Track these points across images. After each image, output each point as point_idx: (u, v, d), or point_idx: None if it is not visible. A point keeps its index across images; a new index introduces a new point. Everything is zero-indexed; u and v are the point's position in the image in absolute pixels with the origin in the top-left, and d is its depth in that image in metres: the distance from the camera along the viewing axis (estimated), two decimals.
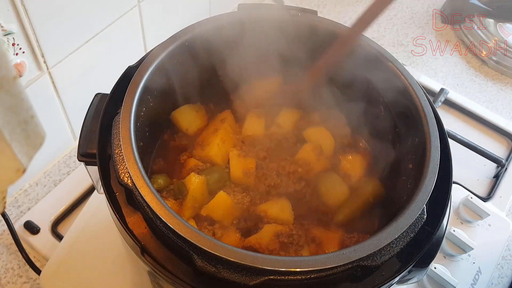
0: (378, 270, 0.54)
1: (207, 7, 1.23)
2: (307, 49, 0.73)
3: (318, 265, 0.49)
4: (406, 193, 0.60)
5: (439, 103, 1.16)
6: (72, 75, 0.92)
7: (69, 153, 1.04)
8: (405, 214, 0.53)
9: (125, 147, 0.55)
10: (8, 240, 0.90)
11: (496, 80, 1.28)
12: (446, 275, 0.83)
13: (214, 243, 0.48)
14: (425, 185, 0.56)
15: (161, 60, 0.65)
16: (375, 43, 0.70)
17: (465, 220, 0.96)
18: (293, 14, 0.72)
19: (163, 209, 0.51)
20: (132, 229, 0.55)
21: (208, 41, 0.70)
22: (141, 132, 0.65)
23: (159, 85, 0.67)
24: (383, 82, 0.70)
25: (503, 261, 0.95)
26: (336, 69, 0.73)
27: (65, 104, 0.94)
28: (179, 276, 0.51)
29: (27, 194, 0.97)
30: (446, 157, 0.61)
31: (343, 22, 1.39)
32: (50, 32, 0.81)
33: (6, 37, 0.74)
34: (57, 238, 0.90)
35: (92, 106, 0.65)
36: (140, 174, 0.53)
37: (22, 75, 0.81)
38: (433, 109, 0.64)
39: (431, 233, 0.57)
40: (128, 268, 0.83)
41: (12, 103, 0.33)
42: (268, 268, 0.48)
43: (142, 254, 0.53)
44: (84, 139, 0.62)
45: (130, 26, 0.99)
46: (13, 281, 0.87)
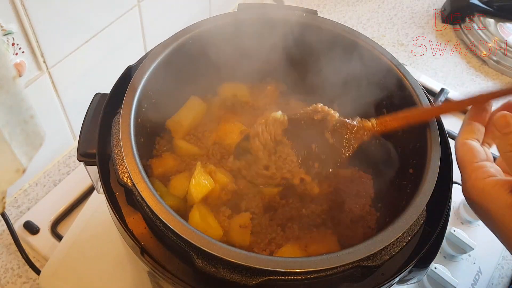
0: (378, 270, 0.54)
1: (207, 7, 1.23)
2: (307, 50, 0.73)
3: (318, 266, 0.48)
4: (406, 197, 0.60)
5: (440, 103, 1.16)
6: (71, 75, 0.92)
7: (68, 153, 1.04)
8: (405, 215, 0.53)
9: (125, 147, 0.55)
10: (7, 240, 0.90)
11: (496, 80, 1.28)
12: (446, 275, 0.83)
13: (214, 243, 0.48)
14: (425, 187, 0.56)
15: (161, 60, 0.65)
16: (375, 43, 0.70)
17: (465, 220, 0.96)
18: (293, 14, 0.72)
19: (163, 209, 0.51)
20: (132, 229, 0.55)
21: (208, 41, 0.70)
22: (142, 128, 0.64)
23: (159, 85, 0.67)
24: (384, 83, 0.70)
25: (503, 261, 0.95)
26: (336, 69, 0.74)
27: (65, 104, 0.94)
28: (179, 276, 0.51)
29: (27, 194, 0.97)
30: (446, 158, 0.61)
31: (343, 22, 1.40)
32: (49, 32, 0.81)
33: (6, 37, 0.74)
34: (57, 238, 0.90)
35: (92, 106, 0.65)
36: (140, 174, 0.53)
37: (21, 75, 0.81)
38: None
39: (431, 233, 0.57)
40: (128, 268, 0.82)
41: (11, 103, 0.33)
42: (268, 268, 0.48)
43: (142, 254, 0.53)
44: (84, 139, 0.62)
45: (130, 26, 0.99)
46: (13, 281, 0.86)
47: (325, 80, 0.76)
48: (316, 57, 0.73)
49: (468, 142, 0.58)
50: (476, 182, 0.55)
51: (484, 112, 0.60)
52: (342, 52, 0.71)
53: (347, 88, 0.75)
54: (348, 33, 0.71)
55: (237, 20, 0.71)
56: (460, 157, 0.58)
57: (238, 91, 0.81)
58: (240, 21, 0.71)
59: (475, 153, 0.57)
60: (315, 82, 0.77)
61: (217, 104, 0.80)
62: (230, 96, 0.80)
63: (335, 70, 0.74)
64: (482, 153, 0.58)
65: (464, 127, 0.60)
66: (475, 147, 0.58)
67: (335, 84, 0.76)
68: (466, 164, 0.57)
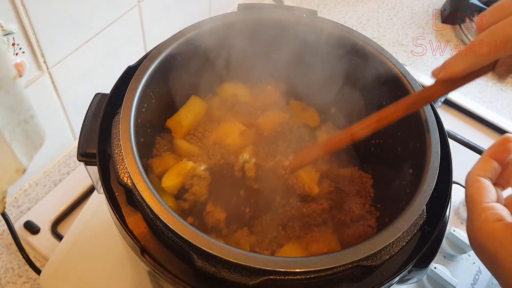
0: (378, 270, 0.54)
1: (207, 7, 1.23)
2: (307, 50, 0.73)
3: (318, 265, 0.49)
4: (405, 197, 0.60)
5: (439, 103, 1.16)
6: (72, 75, 0.92)
7: (69, 153, 1.04)
8: (405, 215, 0.53)
9: (125, 147, 0.55)
10: (8, 240, 0.90)
11: (496, 80, 1.28)
12: (446, 275, 0.83)
13: (214, 243, 0.48)
14: (425, 187, 0.56)
15: (161, 60, 0.65)
16: (375, 43, 0.70)
17: (465, 220, 0.95)
18: (293, 14, 0.72)
19: (163, 209, 0.51)
20: (132, 229, 0.55)
21: (208, 41, 0.70)
22: (142, 128, 0.65)
23: (160, 85, 0.67)
24: (383, 83, 0.70)
25: None
26: (336, 70, 0.74)
27: (65, 104, 0.94)
28: (179, 276, 0.51)
29: (27, 194, 0.97)
30: (446, 157, 0.61)
31: (343, 22, 1.40)
32: (50, 32, 0.81)
33: (6, 37, 0.74)
34: (57, 238, 0.90)
35: (92, 106, 0.65)
36: (140, 174, 0.53)
37: (22, 75, 0.81)
38: (433, 109, 0.64)
39: (431, 233, 0.57)
40: (128, 268, 0.83)
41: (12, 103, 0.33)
42: (268, 268, 0.48)
43: (142, 254, 0.53)
44: (84, 139, 0.62)
45: (130, 26, 0.99)
46: (13, 281, 0.87)
47: (324, 80, 0.76)
48: (315, 57, 0.73)
49: (481, 179, 0.55)
50: (485, 224, 0.52)
51: (506, 152, 0.57)
52: (341, 52, 0.72)
53: (347, 88, 0.75)
54: (348, 33, 0.71)
55: (237, 20, 0.71)
56: (470, 193, 0.55)
57: (238, 91, 0.81)
58: (240, 21, 0.71)
59: (486, 192, 0.54)
60: (315, 82, 0.77)
61: (217, 104, 0.80)
62: (230, 96, 0.80)
63: (335, 70, 0.74)
64: (494, 194, 0.54)
65: (480, 163, 0.57)
66: (487, 186, 0.55)
67: (335, 84, 0.76)
68: (476, 203, 0.54)
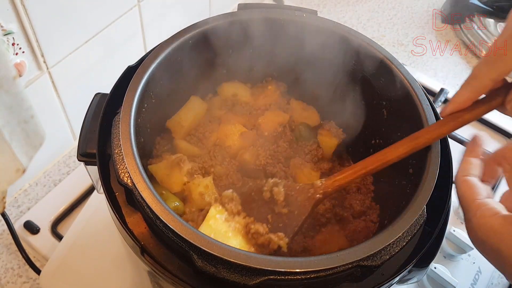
0: (378, 270, 0.54)
1: (207, 7, 1.23)
2: (307, 50, 0.73)
3: (317, 266, 0.49)
4: (405, 197, 0.60)
5: (439, 103, 1.16)
6: (72, 75, 0.92)
7: (69, 153, 1.04)
8: (405, 215, 0.53)
9: (125, 147, 0.55)
10: (8, 240, 0.90)
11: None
12: (446, 275, 0.83)
13: (214, 243, 0.48)
14: (425, 187, 0.56)
15: (161, 60, 0.65)
16: (375, 43, 0.70)
17: None
18: (293, 14, 0.72)
19: (163, 209, 0.51)
20: (132, 229, 0.55)
21: (208, 41, 0.70)
22: (142, 128, 0.65)
23: (159, 85, 0.67)
24: (383, 83, 0.70)
25: None
26: (336, 69, 0.74)
27: (65, 104, 0.94)
28: (179, 276, 0.51)
29: (27, 194, 0.97)
30: (446, 157, 0.61)
31: (343, 22, 1.40)
32: (50, 31, 0.81)
33: (6, 37, 0.74)
34: (57, 238, 0.90)
35: (92, 106, 0.65)
36: (140, 174, 0.53)
37: (22, 74, 0.81)
38: (433, 109, 0.64)
39: (431, 233, 0.57)
40: (128, 268, 0.83)
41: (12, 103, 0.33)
42: (268, 268, 0.48)
43: (142, 254, 0.53)
44: (84, 139, 0.62)
45: (130, 26, 0.99)
46: (13, 281, 0.87)
47: (324, 80, 0.76)
48: (316, 57, 0.73)
49: (468, 178, 0.57)
50: (483, 220, 0.52)
51: (477, 147, 0.59)
52: (342, 52, 0.71)
53: (347, 88, 0.75)
54: (348, 33, 0.71)
55: (237, 20, 0.71)
56: (461, 194, 0.56)
57: (238, 91, 0.81)
58: (240, 21, 0.71)
59: (477, 190, 0.55)
60: (315, 82, 0.78)
61: (217, 104, 0.80)
62: (230, 96, 0.80)
63: (335, 70, 0.74)
64: (484, 190, 0.56)
65: (462, 165, 0.59)
66: (476, 183, 0.56)
67: (335, 84, 0.76)
68: (469, 202, 0.55)
